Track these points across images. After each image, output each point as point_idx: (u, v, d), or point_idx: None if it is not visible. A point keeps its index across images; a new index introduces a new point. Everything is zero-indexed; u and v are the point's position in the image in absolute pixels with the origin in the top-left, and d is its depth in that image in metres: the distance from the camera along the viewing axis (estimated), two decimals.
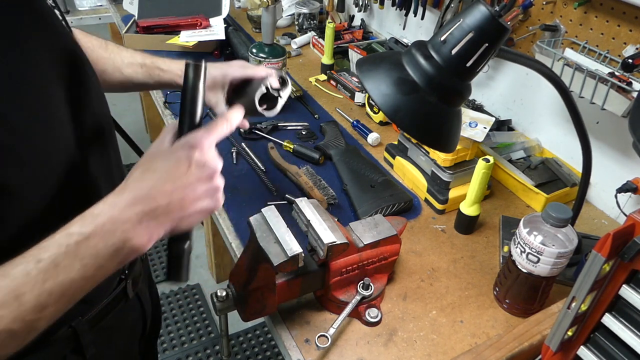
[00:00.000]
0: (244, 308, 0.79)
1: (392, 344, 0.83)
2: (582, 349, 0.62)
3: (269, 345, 2.01)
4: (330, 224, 0.78)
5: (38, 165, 0.57)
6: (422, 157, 1.15)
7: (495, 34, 0.65)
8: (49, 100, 0.59)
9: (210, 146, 0.62)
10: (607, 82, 0.98)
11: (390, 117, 0.69)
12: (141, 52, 0.94)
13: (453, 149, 0.76)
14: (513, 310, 0.89)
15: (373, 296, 0.86)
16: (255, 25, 1.96)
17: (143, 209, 0.55)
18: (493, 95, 1.43)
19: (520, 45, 1.27)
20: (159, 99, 1.48)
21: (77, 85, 0.65)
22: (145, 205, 0.55)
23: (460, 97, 0.71)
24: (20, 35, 0.56)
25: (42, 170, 0.57)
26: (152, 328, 0.96)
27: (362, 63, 0.75)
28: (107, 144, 0.73)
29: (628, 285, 0.55)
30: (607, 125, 1.12)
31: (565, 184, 1.18)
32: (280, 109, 0.90)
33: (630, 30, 1.02)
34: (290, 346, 0.81)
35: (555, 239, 0.81)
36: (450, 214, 1.12)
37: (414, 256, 1.00)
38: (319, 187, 1.12)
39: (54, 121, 0.59)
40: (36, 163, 0.56)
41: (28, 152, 0.55)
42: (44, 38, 0.59)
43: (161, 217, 0.56)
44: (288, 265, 0.71)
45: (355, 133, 1.39)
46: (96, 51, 0.88)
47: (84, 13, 2.35)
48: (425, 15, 1.52)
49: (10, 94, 0.53)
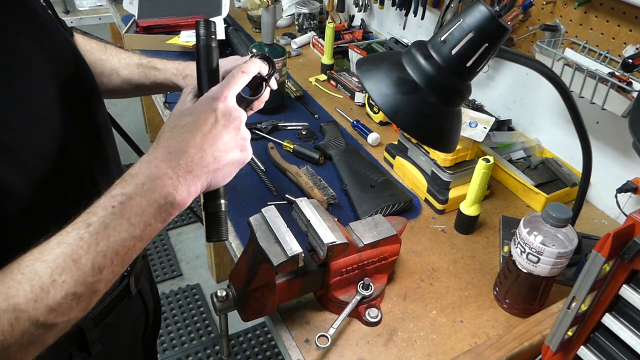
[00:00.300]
0: (244, 308, 0.79)
1: (392, 344, 0.83)
2: (582, 349, 0.62)
3: (269, 345, 2.01)
4: (330, 224, 0.78)
5: (36, 165, 0.57)
6: (422, 157, 1.15)
7: (495, 34, 0.65)
8: (45, 100, 0.59)
9: (232, 97, 0.64)
10: (607, 82, 0.98)
11: (390, 117, 0.69)
12: (140, 53, 0.94)
13: (453, 149, 0.76)
14: (513, 310, 0.89)
15: (373, 296, 0.86)
16: (255, 25, 1.96)
17: (178, 162, 0.56)
18: (493, 95, 1.43)
19: (520, 45, 1.27)
20: (159, 99, 1.48)
21: (72, 85, 0.65)
22: (180, 159, 0.56)
23: (460, 97, 0.71)
24: (11, 35, 0.56)
25: (41, 170, 0.58)
26: (153, 326, 0.97)
27: (362, 63, 0.75)
28: (104, 142, 0.73)
29: (628, 285, 0.55)
30: (607, 125, 1.12)
31: (565, 184, 1.18)
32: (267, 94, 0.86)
33: (630, 30, 1.02)
34: (290, 346, 0.81)
35: (555, 239, 0.81)
36: (450, 214, 1.12)
37: (414, 256, 1.00)
38: (319, 187, 1.12)
39: (52, 121, 0.60)
40: (34, 163, 0.56)
41: (26, 151, 0.55)
42: (36, 38, 0.60)
43: (196, 170, 0.57)
44: (288, 265, 0.71)
45: (355, 133, 1.39)
46: (95, 54, 0.88)
47: (84, 13, 2.35)
48: (425, 15, 1.52)
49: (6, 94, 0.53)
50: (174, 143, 0.58)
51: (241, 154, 0.64)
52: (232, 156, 0.62)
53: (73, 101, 0.64)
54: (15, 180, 0.54)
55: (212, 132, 0.60)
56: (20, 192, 0.55)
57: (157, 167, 0.55)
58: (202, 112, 0.61)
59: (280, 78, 1.39)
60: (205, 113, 0.61)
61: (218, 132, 0.60)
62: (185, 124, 0.60)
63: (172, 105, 1.44)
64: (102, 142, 0.72)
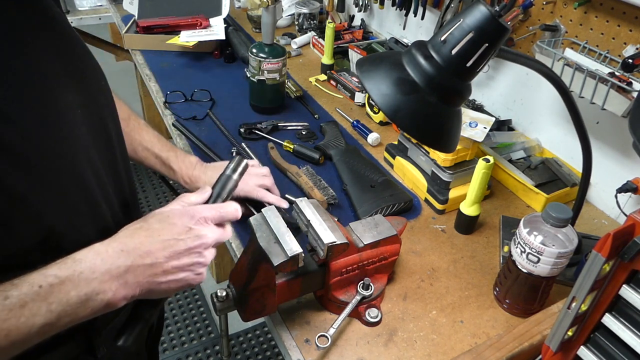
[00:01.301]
0: (244, 308, 0.79)
1: (392, 344, 0.83)
2: (582, 349, 0.62)
3: (269, 345, 2.01)
4: (330, 224, 0.78)
5: (46, 169, 0.56)
6: (422, 157, 1.15)
7: (495, 34, 0.65)
8: (57, 103, 0.58)
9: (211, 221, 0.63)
10: (607, 82, 0.98)
11: (390, 117, 0.69)
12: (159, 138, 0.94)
13: (453, 149, 0.76)
14: (513, 310, 0.89)
15: (373, 296, 0.86)
16: (255, 25, 1.96)
17: (125, 262, 0.55)
18: (493, 95, 1.43)
19: (520, 45, 1.27)
20: (159, 99, 1.48)
21: (85, 89, 0.64)
22: (129, 260, 0.55)
23: (460, 97, 0.71)
24: (26, 38, 0.55)
25: (50, 174, 0.57)
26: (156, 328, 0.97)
27: (362, 63, 0.75)
28: (115, 147, 0.72)
29: (628, 285, 0.55)
30: (607, 125, 1.12)
31: (565, 184, 1.17)
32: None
33: (630, 30, 1.02)
34: (290, 346, 0.81)
35: (555, 239, 0.81)
36: (450, 214, 1.12)
37: (414, 256, 1.00)
38: (319, 187, 1.12)
39: (63, 124, 0.59)
40: (44, 167, 0.56)
41: (37, 156, 0.54)
42: (50, 41, 0.59)
43: (141, 276, 0.56)
44: (288, 265, 0.71)
45: (355, 133, 1.39)
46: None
47: (84, 13, 2.35)
48: (425, 15, 1.52)
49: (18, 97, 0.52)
50: (132, 242, 0.57)
51: (192, 277, 0.62)
52: (182, 275, 0.60)
53: (85, 105, 0.63)
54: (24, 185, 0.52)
55: (173, 246, 0.58)
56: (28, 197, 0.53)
57: (103, 261, 0.54)
58: (173, 224, 0.60)
59: (281, 78, 1.39)
60: (174, 226, 0.59)
61: (178, 249, 0.59)
62: (152, 227, 0.59)
63: (172, 105, 1.44)
64: (114, 148, 0.71)
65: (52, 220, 0.57)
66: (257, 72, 1.36)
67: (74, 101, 0.61)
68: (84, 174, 0.62)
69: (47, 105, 0.56)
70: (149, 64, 1.68)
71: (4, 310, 0.46)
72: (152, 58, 1.71)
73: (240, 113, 1.43)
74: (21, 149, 0.52)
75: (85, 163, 0.62)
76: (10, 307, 0.47)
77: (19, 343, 0.49)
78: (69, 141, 0.59)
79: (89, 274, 0.52)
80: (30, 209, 0.54)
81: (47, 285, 0.49)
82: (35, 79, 0.55)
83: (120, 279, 0.54)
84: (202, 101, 1.47)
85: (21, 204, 0.53)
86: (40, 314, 0.49)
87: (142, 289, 0.57)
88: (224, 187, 0.71)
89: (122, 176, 0.74)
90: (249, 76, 1.38)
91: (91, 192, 0.64)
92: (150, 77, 1.60)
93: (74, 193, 0.60)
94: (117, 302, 0.55)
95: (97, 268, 0.53)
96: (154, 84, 1.56)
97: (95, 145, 0.65)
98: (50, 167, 0.56)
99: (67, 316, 0.51)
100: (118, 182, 0.72)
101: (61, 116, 0.58)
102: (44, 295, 0.49)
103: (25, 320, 0.48)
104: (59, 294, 0.50)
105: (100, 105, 0.68)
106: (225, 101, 1.48)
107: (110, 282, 0.53)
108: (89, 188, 0.63)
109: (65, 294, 0.50)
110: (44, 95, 0.56)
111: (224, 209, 0.66)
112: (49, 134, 0.56)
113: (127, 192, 0.76)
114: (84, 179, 0.62)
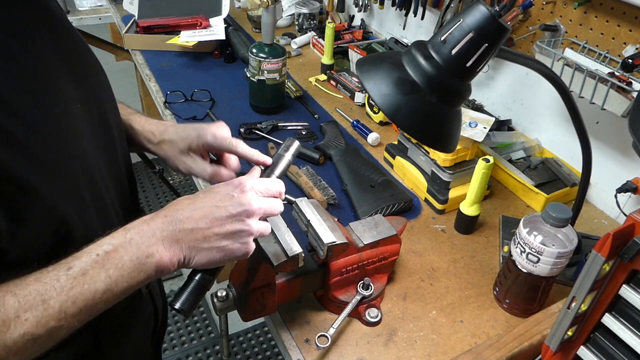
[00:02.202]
0: (244, 308, 0.79)
1: (392, 344, 0.83)
2: (582, 349, 0.62)
3: (269, 345, 2.01)
4: (330, 224, 0.78)
5: (54, 161, 0.57)
6: (422, 157, 1.15)
7: (495, 34, 0.65)
8: (61, 97, 0.59)
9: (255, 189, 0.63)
10: (607, 82, 0.98)
11: (390, 117, 0.69)
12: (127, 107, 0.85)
13: (453, 149, 0.76)
14: (513, 310, 0.89)
15: (373, 296, 0.86)
16: (255, 25, 1.96)
17: (168, 227, 0.57)
18: (493, 95, 1.43)
19: (520, 45, 1.27)
20: (159, 99, 1.49)
21: (85, 84, 0.65)
22: (171, 225, 0.57)
23: (460, 97, 0.71)
24: (30, 33, 0.56)
25: (58, 166, 0.58)
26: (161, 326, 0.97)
27: (362, 63, 0.75)
28: (116, 143, 0.73)
29: (628, 285, 0.55)
30: (607, 125, 1.12)
31: (565, 184, 1.17)
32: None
33: (630, 30, 1.02)
34: (290, 346, 0.81)
35: (555, 239, 0.81)
36: (450, 214, 1.12)
37: (414, 256, 1.00)
38: (319, 187, 1.12)
39: (67, 117, 0.60)
40: (52, 159, 0.56)
41: (45, 148, 0.55)
42: (52, 38, 0.60)
43: (182, 241, 0.58)
44: (288, 265, 0.71)
45: (355, 133, 1.39)
46: None
47: (84, 13, 2.35)
48: (425, 15, 1.52)
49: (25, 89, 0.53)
50: (174, 209, 0.59)
51: (237, 246, 0.61)
52: (224, 243, 0.60)
53: (86, 99, 0.64)
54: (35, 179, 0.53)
55: (214, 213, 0.59)
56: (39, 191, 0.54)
57: (149, 227, 0.57)
58: (217, 193, 0.61)
59: (281, 78, 1.39)
60: (217, 194, 0.61)
61: (220, 215, 0.59)
62: (198, 199, 0.61)
63: (172, 105, 1.44)
64: (114, 143, 0.72)
65: (64, 212, 0.58)
66: (257, 72, 1.36)
67: (75, 95, 0.62)
68: (89, 167, 0.63)
69: (52, 99, 0.58)
70: (149, 63, 1.68)
71: (69, 279, 0.51)
72: (152, 58, 1.71)
73: (240, 113, 1.43)
74: (28, 141, 0.53)
75: (89, 157, 0.64)
76: (74, 275, 0.51)
77: (86, 309, 0.52)
78: (73, 134, 0.60)
79: (137, 239, 0.56)
80: (44, 202, 0.55)
81: (103, 253, 0.54)
82: (40, 73, 0.57)
83: (165, 242, 0.57)
84: (202, 101, 1.47)
85: (35, 197, 0.54)
86: (100, 279, 0.53)
87: (187, 254, 0.59)
88: (276, 164, 0.73)
89: (122, 171, 0.75)
90: (249, 76, 1.38)
91: (95, 185, 0.65)
92: (150, 77, 1.60)
93: (81, 185, 0.61)
94: (166, 266, 0.57)
95: (144, 233, 0.56)
96: (154, 84, 1.56)
97: (96, 138, 0.66)
98: (58, 160, 0.57)
99: (124, 281, 0.55)
100: (118, 178, 0.74)
101: (65, 110, 0.59)
102: (101, 263, 0.53)
103: (88, 287, 0.52)
104: (114, 260, 0.54)
105: (100, 100, 0.69)
106: (225, 101, 1.48)
107: (156, 245, 0.56)
108: (93, 180, 0.64)
109: (120, 259, 0.54)
110: (48, 88, 0.57)
111: (270, 182, 0.66)
112: (54, 126, 0.57)
113: (127, 187, 0.78)
114: (88, 171, 0.63)
